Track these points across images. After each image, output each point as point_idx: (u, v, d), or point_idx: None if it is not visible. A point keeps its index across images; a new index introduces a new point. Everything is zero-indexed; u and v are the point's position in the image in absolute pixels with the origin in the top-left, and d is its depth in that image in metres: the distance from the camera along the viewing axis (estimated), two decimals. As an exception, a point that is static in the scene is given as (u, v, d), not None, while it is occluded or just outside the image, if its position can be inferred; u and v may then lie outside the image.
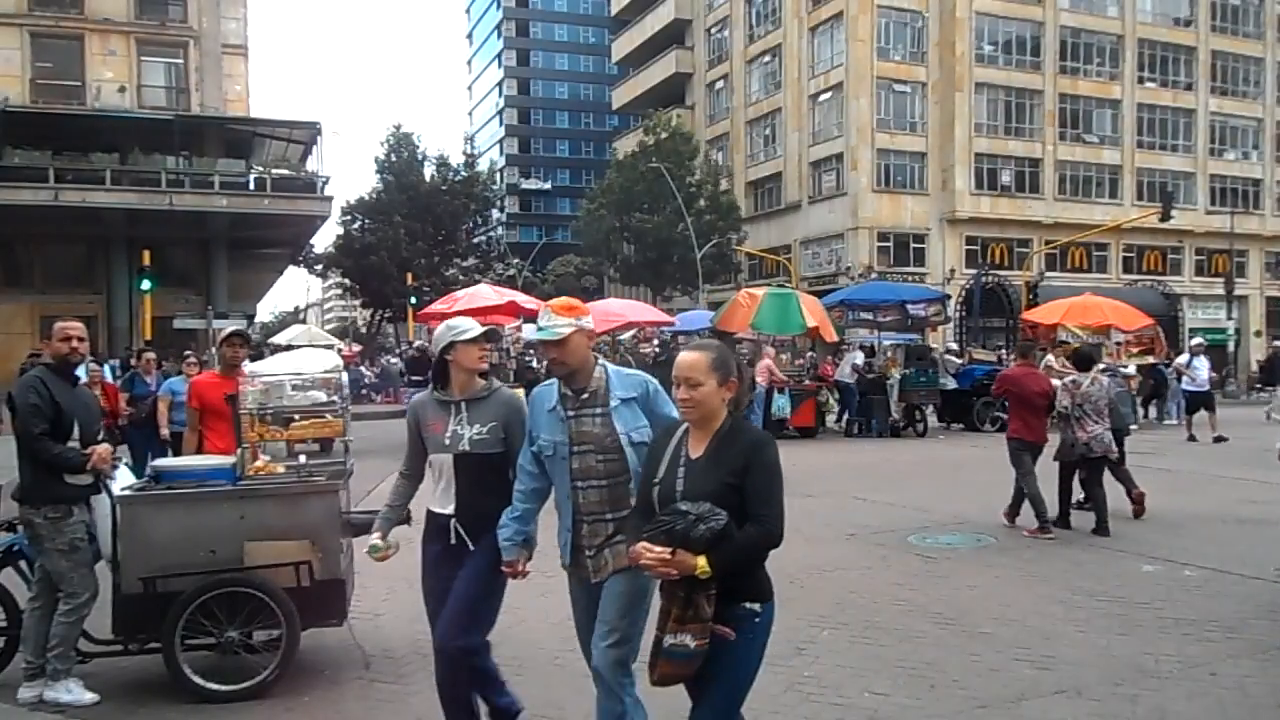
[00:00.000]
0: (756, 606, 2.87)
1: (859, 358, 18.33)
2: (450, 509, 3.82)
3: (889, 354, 19.86)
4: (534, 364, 17.40)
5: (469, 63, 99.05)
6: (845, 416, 18.78)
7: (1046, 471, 8.70)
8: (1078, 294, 24.00)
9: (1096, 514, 8.39)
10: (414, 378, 20.38)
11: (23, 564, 4.91)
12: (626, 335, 21.04)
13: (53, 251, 31.28)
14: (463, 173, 49.74)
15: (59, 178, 27.68)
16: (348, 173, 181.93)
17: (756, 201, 47.83)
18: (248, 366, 5.41)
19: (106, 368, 14.00)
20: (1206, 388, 17.87)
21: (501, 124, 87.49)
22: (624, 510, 3.33)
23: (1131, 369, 18.78)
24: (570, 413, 3.43)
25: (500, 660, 4.92)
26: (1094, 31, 43.63)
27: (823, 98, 42.99)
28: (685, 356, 3.03)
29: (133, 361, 13.33)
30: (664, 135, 43.04)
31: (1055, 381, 8.71)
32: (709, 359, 2.98)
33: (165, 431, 9.51)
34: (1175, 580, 6.59)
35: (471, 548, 3.77)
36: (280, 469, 4.90)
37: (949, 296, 24.94)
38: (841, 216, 41.34)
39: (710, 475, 2.88)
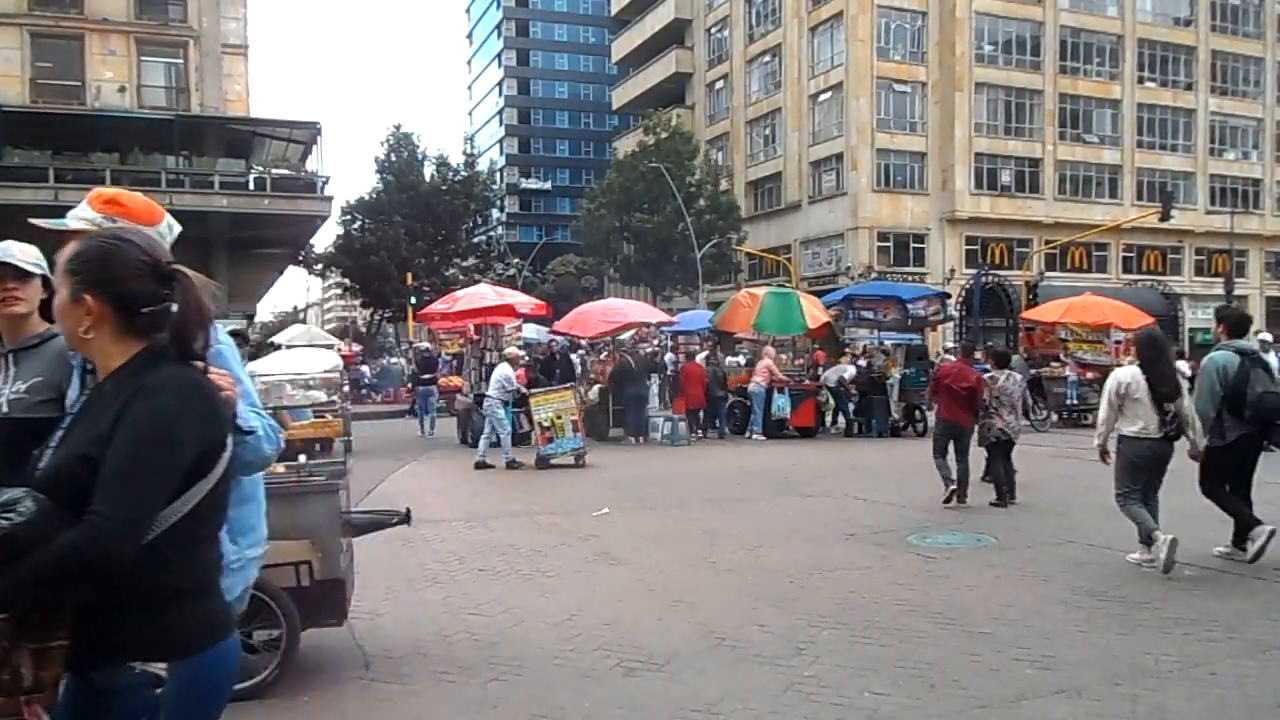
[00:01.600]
0: (158, 669, 1.76)
1: (849, 372, 18.27)
2: None
3: (889, 354, 19.84)
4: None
5: (469, 63, 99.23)
6: (840, 418, 18.81)
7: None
8: (1078, 294, 24.06)
9: (997, 489, 9.69)
10: (425, 376, 20.60)
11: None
12: (626, 335, 21.04)
13: (53, 251, 31.26)
14: (463, 173, 49.81)
15: (59, 178, 27.65)
16: (348, 173, 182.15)
17: (756, 201, 47.84)
18: (247, 366, 5.41)
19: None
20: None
21: (501, 124, 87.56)
22: None
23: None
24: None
25: (499, 660, 4.94)
26: (1094, 31, 43.66)
27: (823, 98, 43.01)
28: None
29: None
30: (664, 135, 43.10)
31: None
32: (66, 255, 1.96)
33: None
34: (1175, 580, 6.59)
35: None
36: (280, 469, 4.92)
37: (949, 296, 24.96)
38: (841, 216, 41.36)
39: (68, 443, 1.85)
